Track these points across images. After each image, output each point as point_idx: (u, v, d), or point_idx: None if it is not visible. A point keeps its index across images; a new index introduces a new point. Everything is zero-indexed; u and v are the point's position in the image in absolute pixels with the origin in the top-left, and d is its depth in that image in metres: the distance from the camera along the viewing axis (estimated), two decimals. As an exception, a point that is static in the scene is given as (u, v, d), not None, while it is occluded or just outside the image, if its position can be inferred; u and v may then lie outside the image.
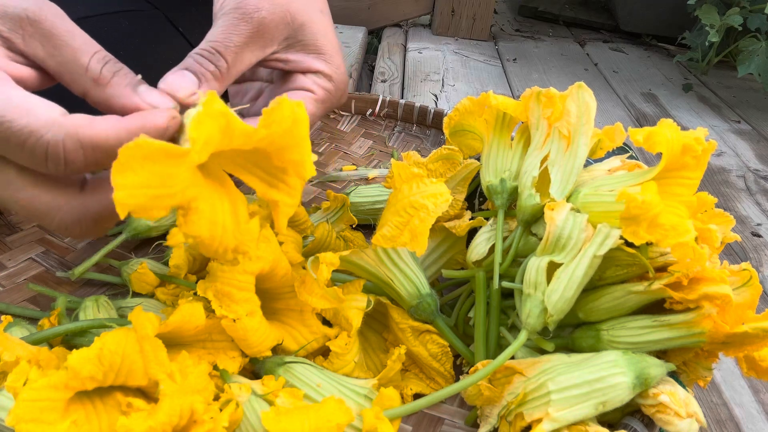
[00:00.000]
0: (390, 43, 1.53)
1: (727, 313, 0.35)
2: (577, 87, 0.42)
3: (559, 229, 0.37)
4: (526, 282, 0.38)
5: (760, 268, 0.80)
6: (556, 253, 0.37)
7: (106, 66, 0.34)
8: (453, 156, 0.48)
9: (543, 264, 0.37)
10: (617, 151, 0.53)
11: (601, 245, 0.36)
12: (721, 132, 1.23)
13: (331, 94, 0.45)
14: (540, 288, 0.37)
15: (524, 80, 1.39)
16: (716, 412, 0.58)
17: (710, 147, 0.37)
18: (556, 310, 0.36)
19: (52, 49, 0.33)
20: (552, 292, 0.36)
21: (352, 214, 0.52)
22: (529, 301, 0.37)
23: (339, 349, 0.39)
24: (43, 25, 0.33)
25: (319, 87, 0.44)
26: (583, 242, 0.36)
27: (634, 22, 1.74)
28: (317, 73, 0.44)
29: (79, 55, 0.33)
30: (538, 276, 0.37)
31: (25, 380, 0.29)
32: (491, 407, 0.38)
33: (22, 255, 0.51)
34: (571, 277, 0.36)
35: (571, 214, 0.37)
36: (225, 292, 0.37)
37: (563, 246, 0.37)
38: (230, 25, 0.39)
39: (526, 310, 0.37)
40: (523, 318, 0.37)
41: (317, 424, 0.32)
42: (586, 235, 0.36)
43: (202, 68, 0.37)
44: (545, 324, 0.37)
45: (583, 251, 0.36)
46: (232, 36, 0.39)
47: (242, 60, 0.40)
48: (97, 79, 0.33)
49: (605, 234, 0.36)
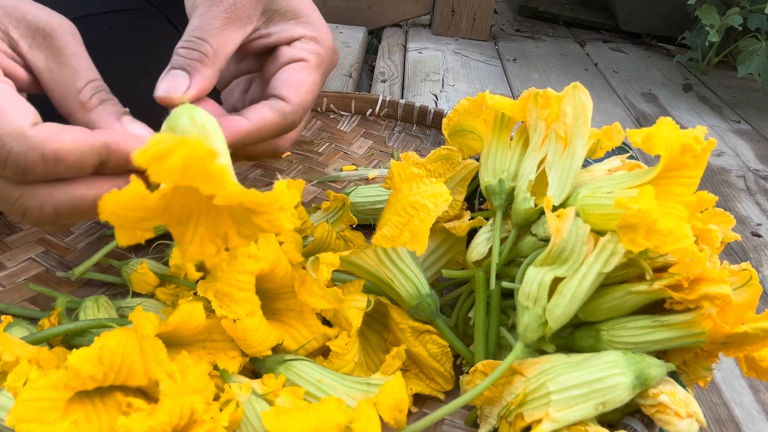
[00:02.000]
0: (390, 43, 1.53)
1: (727, 314, 0.35)
2: (573, 87, 0.42)
3: (563, 241, 0.36)
4: (524, 294, 0.37)
5: (760, 268, 0.80)
6: (557, 265, 0.36)
7: (98, 94, 0.35)
8: (452, 156, 0.48)
9: (546, 280, 0.36)
10: (617, 151, 0.53)
11: (606, 262, 0.35)
12: (721, 132, 1.23)
13: (322, 55, 0.43)
14: (540, 303, 0.36)
15: (524, 80, 1.39)
16: (716, 412, 0.58)
17: (710, 145, 0.37)
18: (558, 323, 0.36)
19: (53, 65, 0.35)
20: (555, 307, 0.36)
21: (352, 214, 0.52)
22: (527, 314, 0.37)
23: (339, 349, 0.39)
24: (55, 42, 0.35)
25: (310, 53, 0.43)
26: (585, 255, 0.36)
27: (634, 22, 1.74)
28: (301, 38, 0.43)
29: (77, 79, 0.35)
30: (540, 291, 0.36)
31: (25, 380, 0.29)
32: (491, 407, 0.38)
33: (22, 255, 0.51)
34: (574, 294, 0.36)
35: (575, 225, 0.36)
36: (225, 292, 0.37)
37: (566, 259, 0.36)
38: (205, 12, 0.39)
39: (524, 322, 0.37)
40: (521, 330, 0.37)
41: (317, 423, 0.32)
42: (587, 247, 0.36)
43: (188, 59, 0.37)
44: (543, 335, 0.37)
45: (588, 266, 0.35)
46: (209, 20, 0.39)
47: (226, 41, 0.40)
48: (85, 104, 0.34)
49: (611, 250, 0.35)
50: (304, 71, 0.42)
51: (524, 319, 0.37)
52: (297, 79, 0.41)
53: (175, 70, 0.37)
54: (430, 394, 0.42)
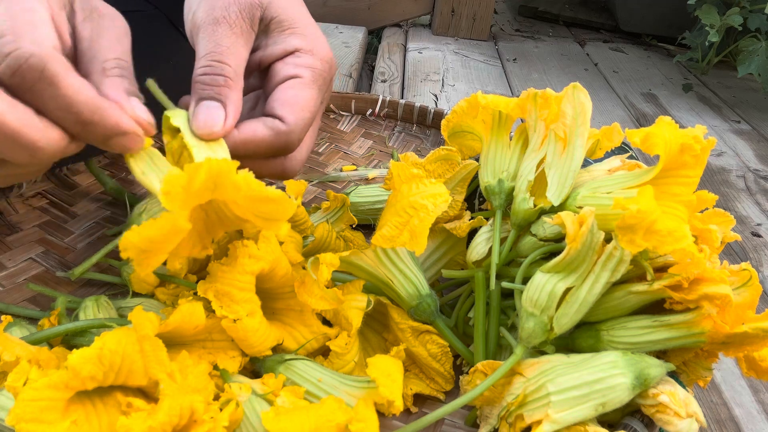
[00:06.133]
0: (390, 43, 1.53)
1: (727, 314, 0.35)
2: (573, 87, 0.42)
3: (576, 252, 0.35)
4: (530, 301, 0.37)
5: (760, 268, 0.80)
6: (566, 273, 0.36)
7: (120, 69, 0.36)
8: (451, 157, 0.48)
9: (558, 290, 0.36)
10: (617, 151, 0.53)
11: (614, 271, 0.35)
12: (721, 132, 1.23)
13: (318, 69, 0.42)
14: (547, 312, 0.36)
15: (524, 80, 1.39)
16: (716, 412, 0.58)
17: (709, 144, 0.37)
18: (562, 330, 0.36)
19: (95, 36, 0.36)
20: (562, 316, 0.36)
21: (352, 214, 0.52)
22: (532, 320, 0.37)
23: (339, 348, 0.39)
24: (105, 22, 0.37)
25: (304, 68, 0.42)
26: (594, 262, 0.35)
27: (634, 22, 1.74)
28: (295, 52, 0.42)
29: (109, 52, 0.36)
30: (549, 300, 0.36)
31: (25, 380, 0.29)
32: (491, 408, 0.38)
33: (22, 255, 0.51)
34: (582, 303, 0.36)
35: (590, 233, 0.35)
36: (225, 292, 0.37)
37: (576, 267, 0.36)
38: (212, 33, 0.39)
39: (528, 328, 0.37)
40: (524, 336, 0.37)
41: (317, 423, 0.32)
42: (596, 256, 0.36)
43: (215, 87, 0.38)
44: (546, 340, 0.37)
45: (596, 276, 0.35)
46: (220, 40, 0.39)
47: (241, 58, 0.40)
48: (106, 71, 0.35)
49: (618, 258, 0.35)
50: (298, 88, 0.41)
51: (529, 325, 0.37)
52: (292, 97, 0.41)
53: (206, 101, 0.37)
54: (430, 394, 0.42)
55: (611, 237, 0.35)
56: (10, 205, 0.56)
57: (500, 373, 0.36)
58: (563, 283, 0.36)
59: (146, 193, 0.57)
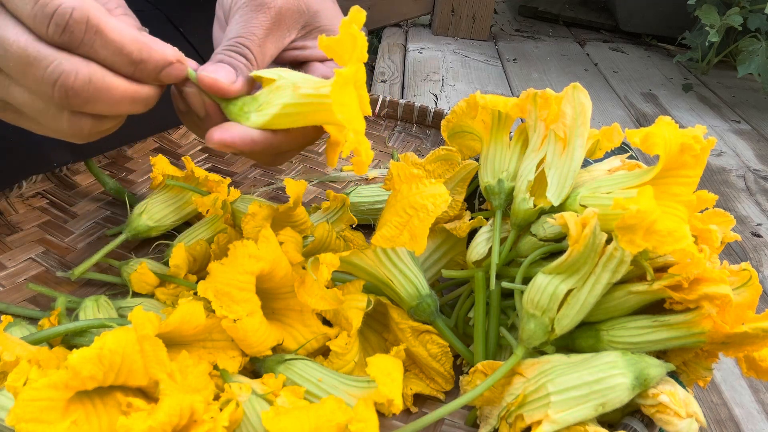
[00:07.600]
0: (390, 43, 1.53)
1: (727, 313, 0.35)
2: (573, 88, 0.42)
3: (579, 254, 0.35)
4: (531, 302, 0.37)
5: (760, 268, 0.80)
6: (568, 275, 0.36)
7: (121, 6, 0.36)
8: (451, 157, 0.48)
9: (560, 292, 0.36)
10: (617, 151, 0.53)
11: (615, 272, 0.35)
12: (721, 132, 1.23)
13: None
14: (548, 314, 0.36)
15: (524, 80, 1.39)
16: (716, 412, 0.58)
17: (709, 144, 0.37)
18: (563, 331, 0.36)
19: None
20: (563, 318, 0.36)
21: (352, 214, 0.52)
22: (533, 322, 0.37)
23: (339, 348, 0.39)
24: None
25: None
26: (594, 263, 0.35)
27: (634, 22, 1.74)
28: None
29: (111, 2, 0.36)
30: (551, 302, 0.36)
31: (25, 380, 0.29)
32: (491, 408, 0.38)
33: (22, 255, 0.51)
34: (583, 304, 0.36)
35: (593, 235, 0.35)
36: (225, 292, 0.37)
37: (577, 269, 0.36)
38: (249, 18, 0.39)
39: (529, 329, 0.37)
40: (525, 337, 0.37)
41: (317, 423, 0.32)
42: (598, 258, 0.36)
43: (235, 61, 0.37)
44: (547, 341, 0.37)
45: (597, 277, 0.35)
46: (253, 28, 0.39)
47: (266, 51, 0.40)
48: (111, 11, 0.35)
49: (618, 259, 0.35)
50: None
51: (530, 327, 0.37)
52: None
53: (223, 64, 0.37)
54: (430, 394, 0.42)
55: (611, 237, 0.35)
56: (10, 205, 0.56)
57: (500, 373, 0.36)
58: (565, 285, 0.36)
59: (146, 193, 0.57)
